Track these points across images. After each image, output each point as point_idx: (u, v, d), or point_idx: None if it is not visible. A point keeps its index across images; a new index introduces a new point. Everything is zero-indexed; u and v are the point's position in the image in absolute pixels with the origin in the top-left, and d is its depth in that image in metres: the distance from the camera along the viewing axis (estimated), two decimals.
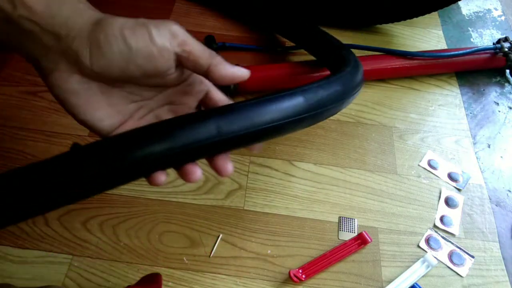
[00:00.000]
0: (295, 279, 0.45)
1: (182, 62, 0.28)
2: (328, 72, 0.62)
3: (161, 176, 0.28)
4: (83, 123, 0.29)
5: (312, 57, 0.61)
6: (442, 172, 0.56)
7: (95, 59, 0.26)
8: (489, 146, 0.60)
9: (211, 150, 0.29)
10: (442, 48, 0.73)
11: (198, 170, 0.29)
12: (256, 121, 0.29)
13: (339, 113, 0.62)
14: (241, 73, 0.29)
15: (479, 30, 0.77)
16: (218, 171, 0.30)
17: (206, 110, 0.32)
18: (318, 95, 0.32)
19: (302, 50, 0.68)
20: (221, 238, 0.48)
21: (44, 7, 0.25)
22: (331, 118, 0.60)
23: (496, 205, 0.54)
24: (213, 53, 0.29)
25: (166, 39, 0.27)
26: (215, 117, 0.28)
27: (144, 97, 0.31)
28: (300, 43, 0.65)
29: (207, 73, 0.29)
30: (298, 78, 0.61)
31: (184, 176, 0.29)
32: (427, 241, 0.50)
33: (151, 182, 0.29)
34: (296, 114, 0.30)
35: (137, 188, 0.51)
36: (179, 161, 0.28)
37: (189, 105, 0.33)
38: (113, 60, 0.26)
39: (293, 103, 0.30)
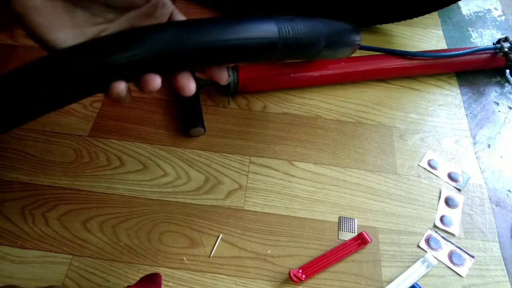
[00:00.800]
0: (295, 279, 0.45)
1: None
2: (329, 71, 0.62)
3: (121, 84, 0.27)
4: (45, 43, 0.28)
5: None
6: (442, 172, 0.56)
7: None
8: (489, 146, 0.60)
9: (167, 60, 0.27)
10: (442, 48, 0.73)
11: (157, 79, 0.28)
12: (218, 36, 0.26)
13: (339, 113, 0.62)
14: None
15: (479, 30, 0.77)
16: (180, 89, 0.29)
17: (167, 22, 0.30)
18: (293, 24, 0.29)
19: None
20: (221, 238, 0.48)
21: None
22: (331, 118, 0.61)
23: (496, 205, 0.54)
24: None
25: None
26: (175, 27, 0.27)
27: (107, 19, 0.30)
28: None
29: None
30: (298, 78, 0.61)
31: (144, 85, 0.28)
32: (427, 241, 0.50)
33: (111, 93, 0.27)
34: (264, 37, 0.28)
35: (137, 188, 0.51)
36: (138, 69, 0.27)
37: None
38: None
39: (263, 25, 0.28)
